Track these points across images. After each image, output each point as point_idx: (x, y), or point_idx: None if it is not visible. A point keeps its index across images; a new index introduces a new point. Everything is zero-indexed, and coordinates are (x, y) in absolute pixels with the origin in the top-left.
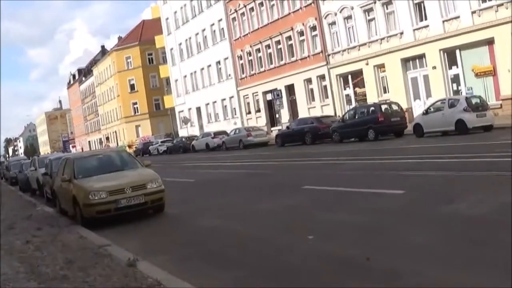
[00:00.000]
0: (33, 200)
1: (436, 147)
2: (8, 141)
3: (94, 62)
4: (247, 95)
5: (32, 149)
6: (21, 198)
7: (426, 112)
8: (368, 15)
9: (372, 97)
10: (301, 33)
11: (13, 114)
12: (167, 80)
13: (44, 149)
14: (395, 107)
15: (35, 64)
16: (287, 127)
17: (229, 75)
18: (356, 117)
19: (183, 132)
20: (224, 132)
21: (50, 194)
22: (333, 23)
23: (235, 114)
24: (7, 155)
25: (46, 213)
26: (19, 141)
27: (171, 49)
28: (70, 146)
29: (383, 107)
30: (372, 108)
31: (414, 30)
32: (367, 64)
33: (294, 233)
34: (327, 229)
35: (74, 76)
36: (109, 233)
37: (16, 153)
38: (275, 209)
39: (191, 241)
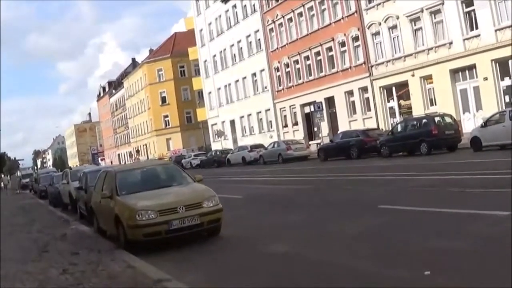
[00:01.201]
0: (65, 216)
1: (503, 161)
2: (37, 153)
3: (125, 74)
4: (284, 107)
5: (60, 161)
6: (52, 213)
7: (485, 124)
8: (415, 25)
9: (418, 110)
10: (343, 44)
11: (41, 126)
12: (200, 92)
13: (73, 161)
14: (448, 120)
15: (65, 78)
16: (331, 141)
17: (265, 87)
18: (407, 130)
19: (216, 146)
20: (261, 146)
21: (84, 210)
22: (377, 33)
23: (271, 127)
24: (35, 167)
25: (81, 233)
26: (48, 153)
27: (205, 61)
28: (99, 159)
29: (436, 119)
30: (425, 120)
31: (464, 39)
32: (413, 75)
33: (400, 265)
34: (438, 261)
35: (104, 88)
36: (161, 261)
37: (45, 165)
38: (357, 232)
39: (264, 271)
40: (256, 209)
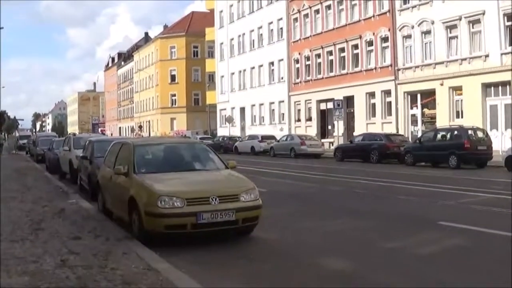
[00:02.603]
0: (63, 187)
1: None
2: (37, 116)
3: (136, 47)
4: (299, 101)
5: (60, 127)
6: (49, 181)
7: None
8: (450, 32)
9: (443, 121)
10: (370, 43)
11: (44, 89)
12: (211, 75)
13: (72, 129)
14: (481, 134)
15: (73, 44)
16: (350, 141)
17: (282, 78)
18: (436, 140)
19: (222, 131)
20: (272, 137)
21: (86, 183)
22: (408, 36)
23: (283, 119)
24: (34, 130)
25: (83, 211)
26: (48, 118)
27: (221, 43)
28: (99, 129)
29: (469, 132)
30: (457, 132)
31: (501, 54)
32: (441, 84)
33: None
34: None
35: (113, 59)
36: (186, 263)
37: (44, 129)
38: (427, 253)
39: None
40: (287, 207)
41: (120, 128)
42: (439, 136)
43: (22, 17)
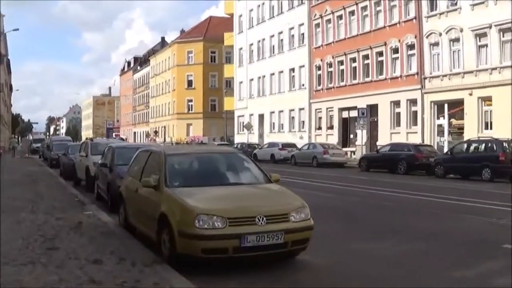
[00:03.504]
0: (78, 195)
1: None
2: (51, 120)
3: (152, 52)
4: (320, 109)
5: (74, 131)
6: (63, 188)
7: None
8: (480, 41)
9: (471, 132)
10: (396, 50)
11: (59, 93)
12: (228, 81)
13: (86, 133)
14: None
15: (88, 48)
16: (376, 151)
17: (303, 85)
18: (469, 151)
19: (239, 138)
20: (293, 145)
21: (105, 192)
22: (436, 43)
23: (303, 127)
24: (48, 133)
25: (101, 224)
26: (62, 121)
27: (240, 48)
28: (114, 134)
29: (504, 144)
30: (491, 144)
31: None
32: (470, 94)
33: None
34: None
35: (129, 63)
36: None
37: (57, 132)
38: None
39: None
40: (326, 224)
41: (135, 133)
42: (471, 147)
43: (38, 20)
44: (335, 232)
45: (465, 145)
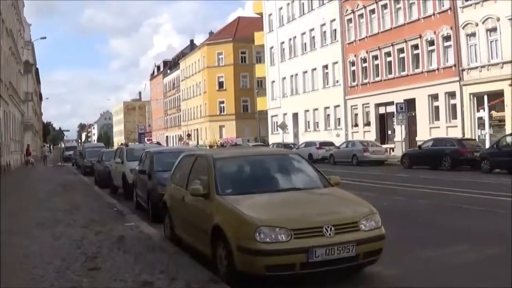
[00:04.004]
0: (117, 204)
1: None
2: (82, 127)
3: (182, 55)
4: (356, 105)
5: (105, 137)
6: (100, 197)
7: None
8: None
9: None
10: (431, 43)
11: (89, 100)
12: (260, 81)
13: (118, 139)
14: None
15: (117, 55)
16: (419, 147)
17: (337, 81)
18: None
19: (273, 138)
20: (331, 144)
21: (145, 201)
22: (473, 34)
23: (339, 125)
24: (79, 140)
25: (145, 238)
26: (93, 128)
27: (271, 47)
28: (146, 139)
29: None
30: None
31: None
32: (510, 85)
33: None
34: None
35: (158, 67)
36: None
37: (89, 139)
38: None
39: None
40: (387, 228)
41: (167, 137)
42: None
43: (65, 30)
44: (400, 237)
45: (511, 138)
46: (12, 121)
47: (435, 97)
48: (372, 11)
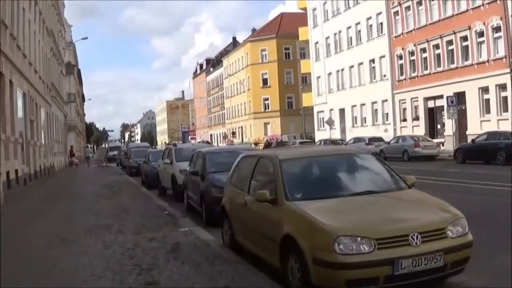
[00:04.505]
0: (167, 207)
1: None
2: (125, 127)
3: (225, 53)
4: (404, 100)
5: (149, 136)
6: (148, 199)
7: None
8: None
9: None
10: (481, 34)
11: (131, 100)
12: (304, 77)
13: (161, 138)
14: None
15: (158, 54)
16: (472, 141)
17: (384, 75)
18: None
19: (320, 135)
20: (380, 139)
21: (197, 203)
22: None
23: (387, 120)
24: (123, 140)
25: (202, 245)
26: (136, 127)
27: (316, 42)
28: (189, 137)
29: None
30: None
31: None
32: None
33: None
34: None
35: (201, 66)
36: None
37: (132, 139)
38: None
39: None
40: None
41: (211, 135)
42: None
43: (106, 31)
44: (479, 241)
45: None
46: (55, 122)
47: (485, 89)
48: (419, 3)
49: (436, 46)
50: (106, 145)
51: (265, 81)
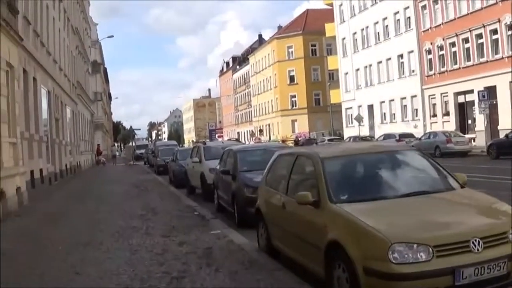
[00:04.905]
0: (197, 207)
1: None
2: (152, 125)
3: (251, 50)
4: (434, 95)
5: (176, 134)
6: (177, 199)
7: None
8: None
9: None
10: (510, 27)
11: (158, 99)
12: (331, 73)
13: (189, 136)
14: None
15: (184, 53)
16: (506, 136)
17: (413, 71)
18: None
19: (348, 131)
20: (411, 135)
21: (229, 204)
22: None
23: (416, 116)
24: (150, 139)
25: (237, 249)
26: (164, 126)
27: (343, 38)
28: (217, 135)
29: None
30: None
31: None
32: None
33: None
34: None
35: (227, 64)
36: None
37: (159, 137)
38: None
39: None
40: None
41: (238, 133)
42: None
43: (132, 30)
44: None
45: None
46: (82, 120)
47: None
48: None
49: (466, 40)
50: (134, 144)
51: (292, 78)
